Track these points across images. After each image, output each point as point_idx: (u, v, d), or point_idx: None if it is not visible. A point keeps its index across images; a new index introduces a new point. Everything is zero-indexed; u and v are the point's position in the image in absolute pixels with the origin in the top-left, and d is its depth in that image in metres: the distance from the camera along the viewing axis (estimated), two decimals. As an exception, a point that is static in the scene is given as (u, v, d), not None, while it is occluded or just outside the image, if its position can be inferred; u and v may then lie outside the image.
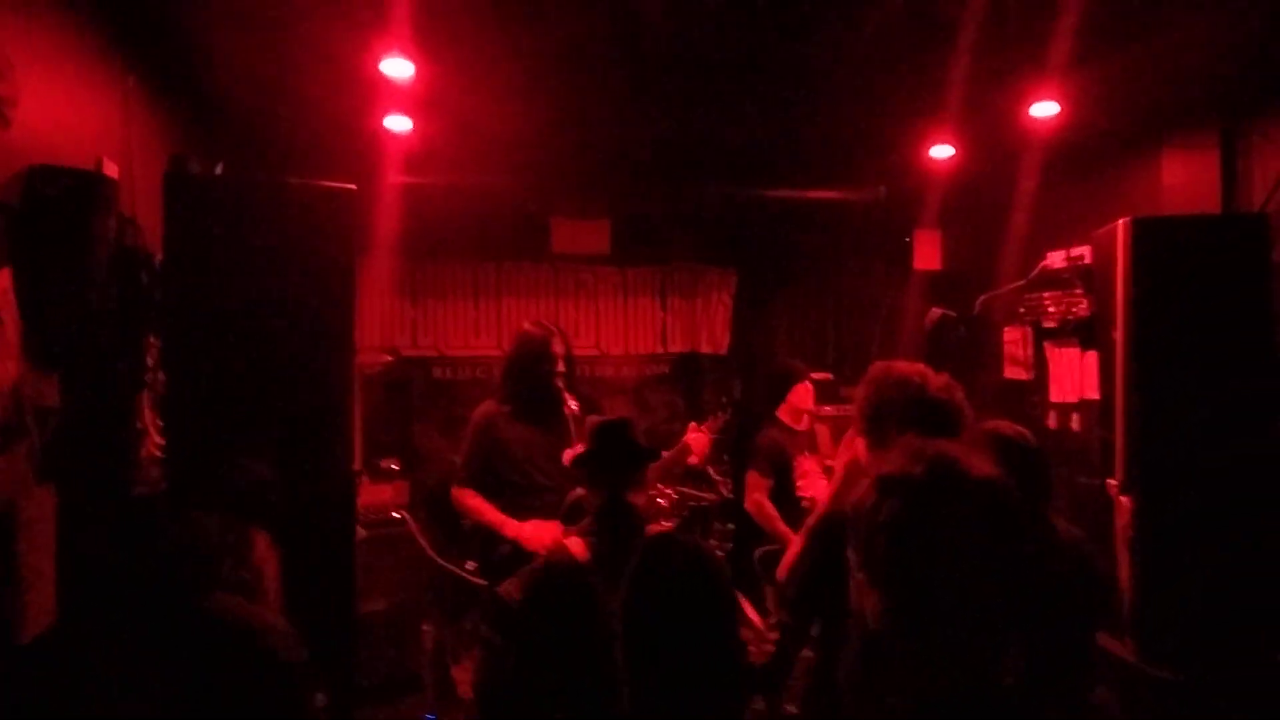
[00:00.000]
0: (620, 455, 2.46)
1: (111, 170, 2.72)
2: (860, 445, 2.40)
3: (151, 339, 3.04)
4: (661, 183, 5.46)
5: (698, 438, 4.14)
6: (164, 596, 2.00)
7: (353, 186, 2.95)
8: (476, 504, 3.67)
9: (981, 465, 1.34)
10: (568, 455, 2.63)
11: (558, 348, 3.80)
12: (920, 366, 2.30)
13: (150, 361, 3.07)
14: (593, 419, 2.56)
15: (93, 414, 2.56)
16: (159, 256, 2.96)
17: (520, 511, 3.66)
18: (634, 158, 5.13)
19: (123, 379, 2.84)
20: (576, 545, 2.38)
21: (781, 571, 3.44)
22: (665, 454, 3.94)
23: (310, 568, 2.43)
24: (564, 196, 5.60)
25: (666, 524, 2.58)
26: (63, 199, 2.35)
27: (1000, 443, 2.45)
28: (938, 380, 2.24)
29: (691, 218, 5.99)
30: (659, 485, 4.47)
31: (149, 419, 3.07)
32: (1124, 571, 3.54)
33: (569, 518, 3.63)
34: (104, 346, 2.64)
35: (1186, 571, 3.32)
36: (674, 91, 4.10)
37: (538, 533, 3.54)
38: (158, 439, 3.08)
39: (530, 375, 3.76)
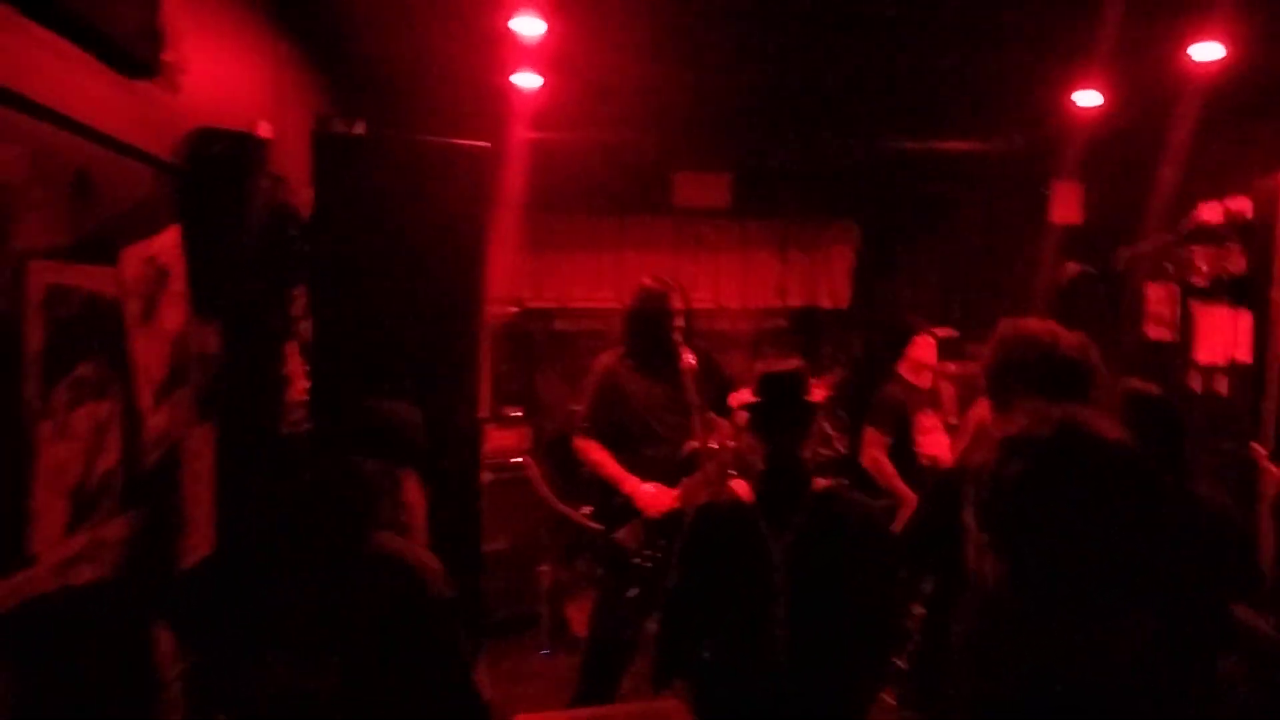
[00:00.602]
0: (790, 407, 2.42)
1: (265, 131, 2.88)
2: (985, 406, 2.35)
3: (298, 290, 3.24)
4: (783, 134, 5.37)
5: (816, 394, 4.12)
6: (333, 535, 2.17)
7: (487, 145, 3.04)
8: (599, 456, 3.77)
9: (1111, 429, 1.30)
10: (734, 400, 2.65)
11: (677, 303, 3.83)
12: (1051, 324, 2.22)
13: (297, 312, 3.27)
14: (761, 366, 2.55)
15: (247, 360, 2.75)
16: (306, 212, 3.13)
17: (639, 460, 3.74)
18: (756, 109, 5.05)
19: (273, 327, 3.04)
20: (743, 488, 2.44)
21: (897, 525, 3.42)
22: None
23: (442, 508, 2.58)
24: (686, 150, 5.58)
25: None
26: (222, 160, 2.50)
27: (1135, 402, 2.35)
28: (1069, 339, 2.16)
29: (814, 170, 5.88)
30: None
31: (295, 365, 3.28)
32: (1268, 541, 3.37)
33: (685, 469, 3.71)
34: (257, 297, 2.82)
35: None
36: (797, 40, 4.01)
37: (654, 496, 3.62)
38: (304, 383, 3.29)
39: (650, 329, 3.81)
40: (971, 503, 1.37)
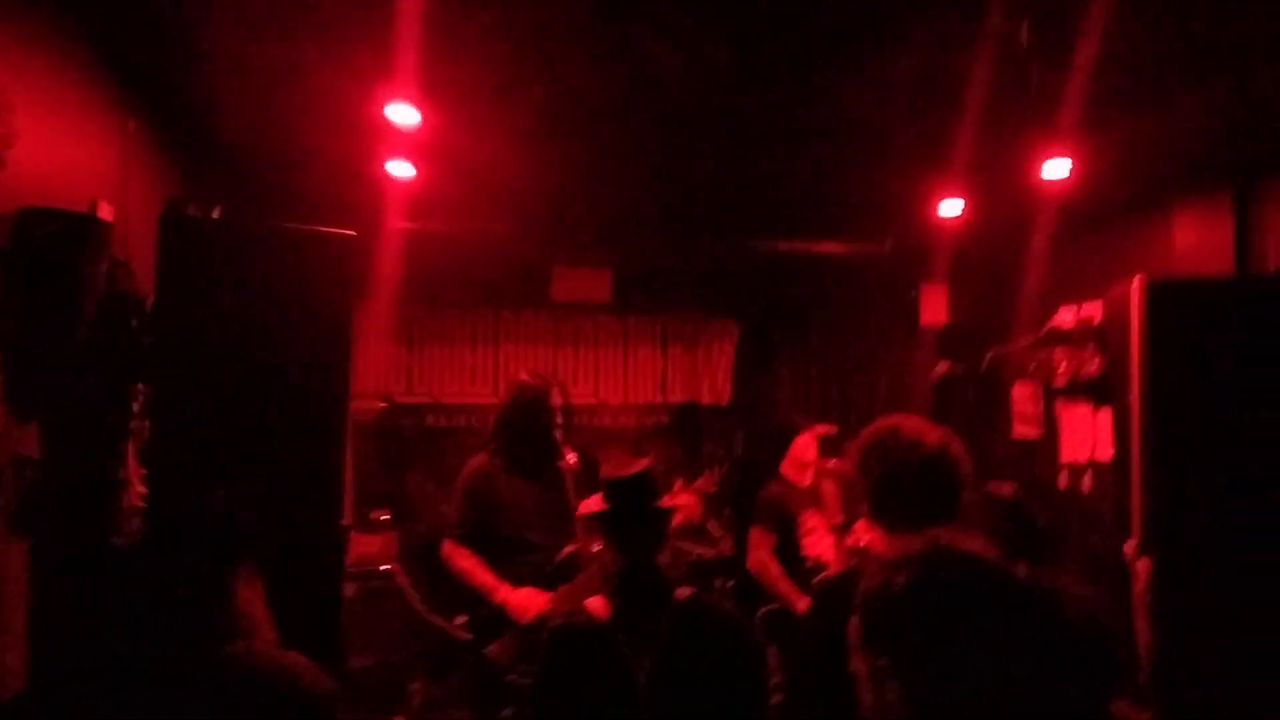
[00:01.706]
0: (637, 513, 2.29)
1: (106, 213, 2.65)
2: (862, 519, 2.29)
3: (139, 386, 2.95)
4: (665, 233, 5.43)
5: (686, 499, 4.05)
6: (172, 661, 1.90)
7: (353, 233, 2.88)
8: (467, 564, 3.55)
9: (977, 544, 1.34)
10: (582, 509, 2.48)
11: (555, 399, 3.70)
12: (923, 426, 2.18)
13: (136, 409, 2.97)
14: (608, 471, 2.41)
15: (73, 464, 2.46)
16: (150, 301, 2.88)
17: (511, 567, 3.55)
18: (637, 208, 5.10)
19: (107, 428, 2.74)
20: (598, 605, 2.25)
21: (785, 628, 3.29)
22: None
23: (297, 625, 2.33)
24: (566, 245, 5.56)
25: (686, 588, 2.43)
26: (54, 241, 2.28)
27: (991, 504, 2.36)
28: (943, 444, 2.13)
29: (694, 268, 5.96)
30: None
31: (132, 469, 2.97)
32: (1143, 636, 3.42)
33: (559, 576, 3.53)
34: (90, 394, 2.55)
35: (1208, 635, 3.21)
36: (679, 143, 4.08)
37: (526, 601, 3.43)
38: (140, 489, 2.97)
39: (526, 426, 3.66)
40: (861, 636, 1.33)
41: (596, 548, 3.53)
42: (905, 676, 1.24)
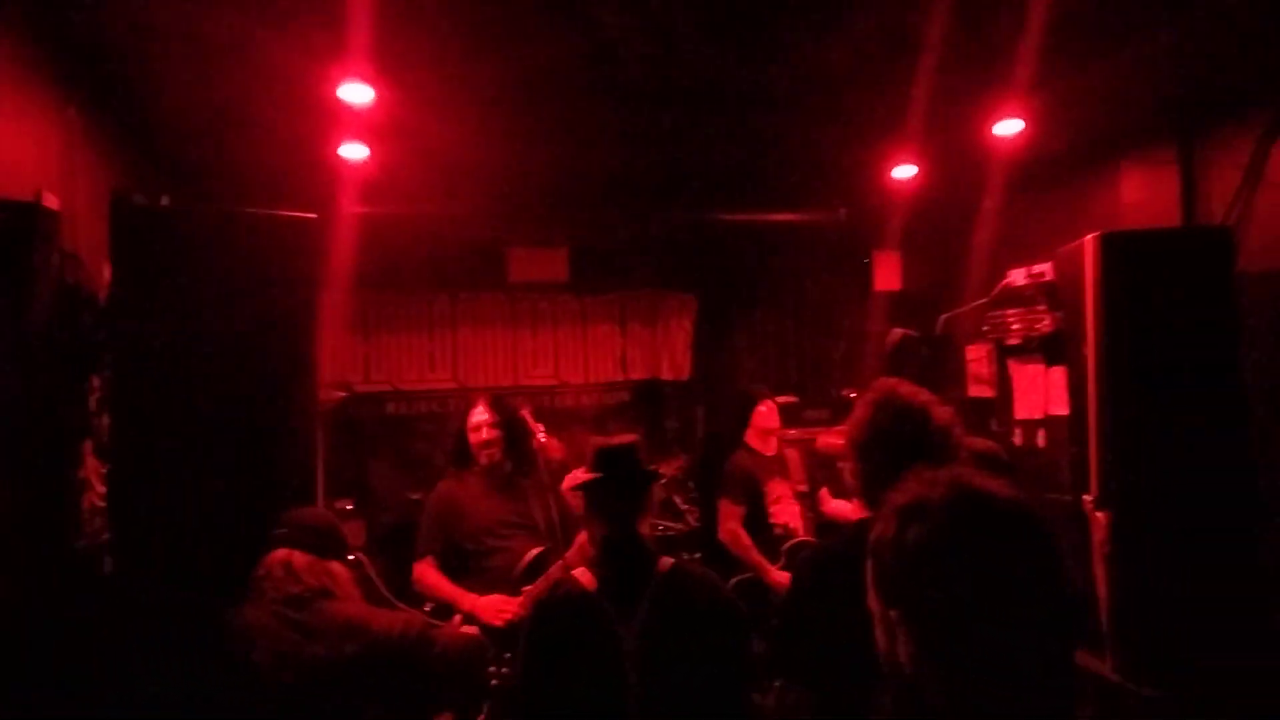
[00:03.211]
0: (628, 481, 2.31)
1: (52, 202, 2.54)
2: (847, 469, 2.31)
3: (94, 381, 2.85)
4: (619, 209, 5.40)
5: None
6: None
7: (313, 215, 2.81)
8: (433, 580, 3.63)
9: (1001, 487, 1.28)
10: (568, 480, 2.47)
11: (476, 416, 3.73)
12: (921, 391, 2.22)
13: (93, 406, 2.87)
14: (596, 441, 2.41)
15: (31, 463, 2.37)
16: (102, 295, 2.77)
17: (479, 575, 3.59)
18: (591, 184, 5.06)
19: (64, 426, 2.65)
20: (584, 576, 2.25)
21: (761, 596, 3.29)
22: None
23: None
24: (520, 225, 5.50)
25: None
26: (1, 232, 2.18)
27: (983, 460, 2.40)
28: (940, 407, 2.17)
29: (650, 243, 5.94)
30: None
31: (91, 467, 2.87)
32: (1101, 587, 3.52)
33: (526, 577, 3.53)
34: (44, 390, 2.45)
35: (1164, 585, 3.31)
36: (631, 117, 4.05)
37: (494, 606, 3.47)
38: (100, 488, 2.88)
39: (466, 446, 3.73)
40: (874, 582, 1.30)
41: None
42: (916, 629, 1.23)
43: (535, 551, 3.56)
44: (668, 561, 2.31)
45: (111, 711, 2.50)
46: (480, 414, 3.73)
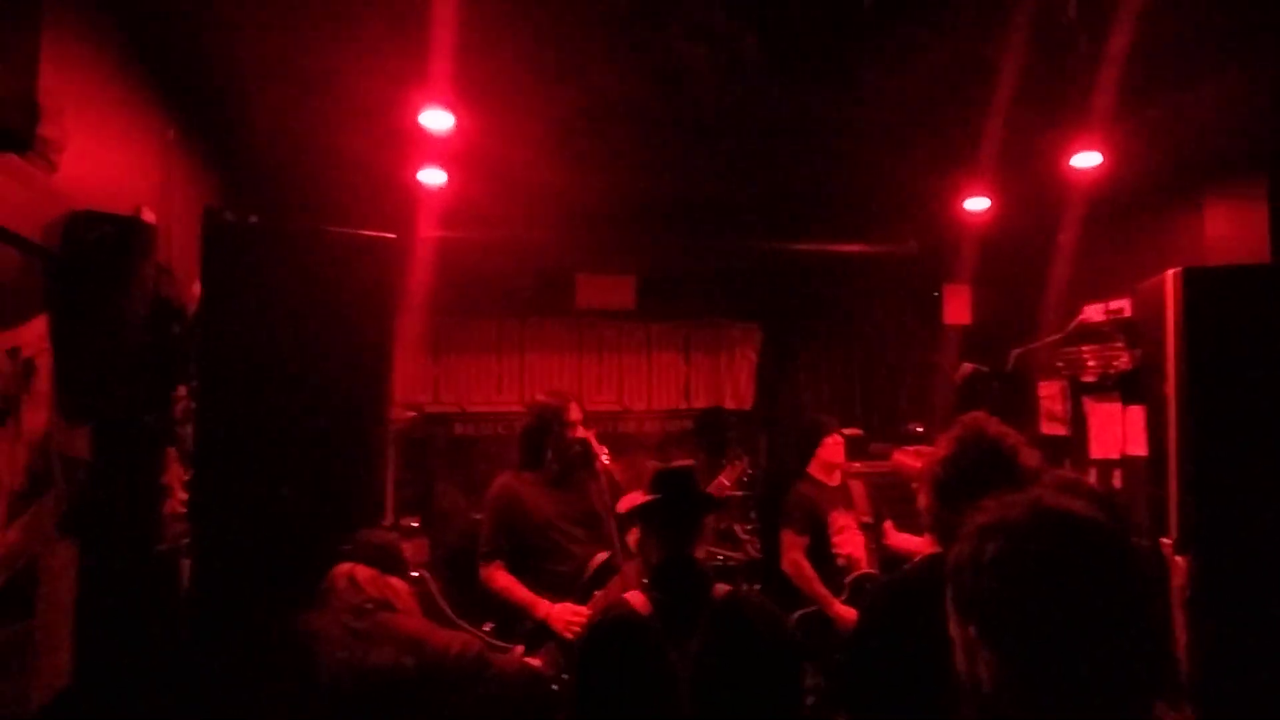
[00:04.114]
0: (683, 506, 2.30)
1: (149, 217, 2.67)
2: (921, 497, 2.27)
3: (181, 391, 2.97)
4: (687, 238, 5.43)
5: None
6: None
7: (392, 235, 2.90)
8: (505, 582, 3.62)
9: (1083, 506, 1.26)
10: (624, 503, 2.48)
11: (574, 414, 3.75)
12: (1005, 427, 2.18)
13: (178, 415, 2.99)
14: (652, 465, 2.43)
15: (121, 468, 2.47)
16: (192, 307, 2.90)
17: (545, 577, 3.58)
18: (660, 212, 5.10)
19: (151, 432, 2.76)
20: (638, 600, 2.24)
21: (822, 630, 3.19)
22: None
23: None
24: (589, 252, 5.57)
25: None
26: (102, 245, 2.29)
27: (1071, 489, 2.33)
28: (1024, 444, 2.13)
29: (716, 273, 5.96)
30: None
31: (174, 474, 2.98)
32: (1180, 635, 3.38)
33: (596, 582, 3.53)
34: (135, 398, 2.56)
35: (1249, 634, 3.17)
36: (703, 146, 4.09)
37: (565, 616, 3.47)
38: (181, 494, 2.98)
39: (548, 444, 3.72)
40: (953, 602, 1.28)
41: (633, 539, 3.55)
42: (994, 648, 1.21)
43: (603, 556, 3.56)
44: (724, 588, 2.29)
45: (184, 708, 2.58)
46: (576, 411, 3.76)
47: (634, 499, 2.39)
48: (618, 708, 2.14)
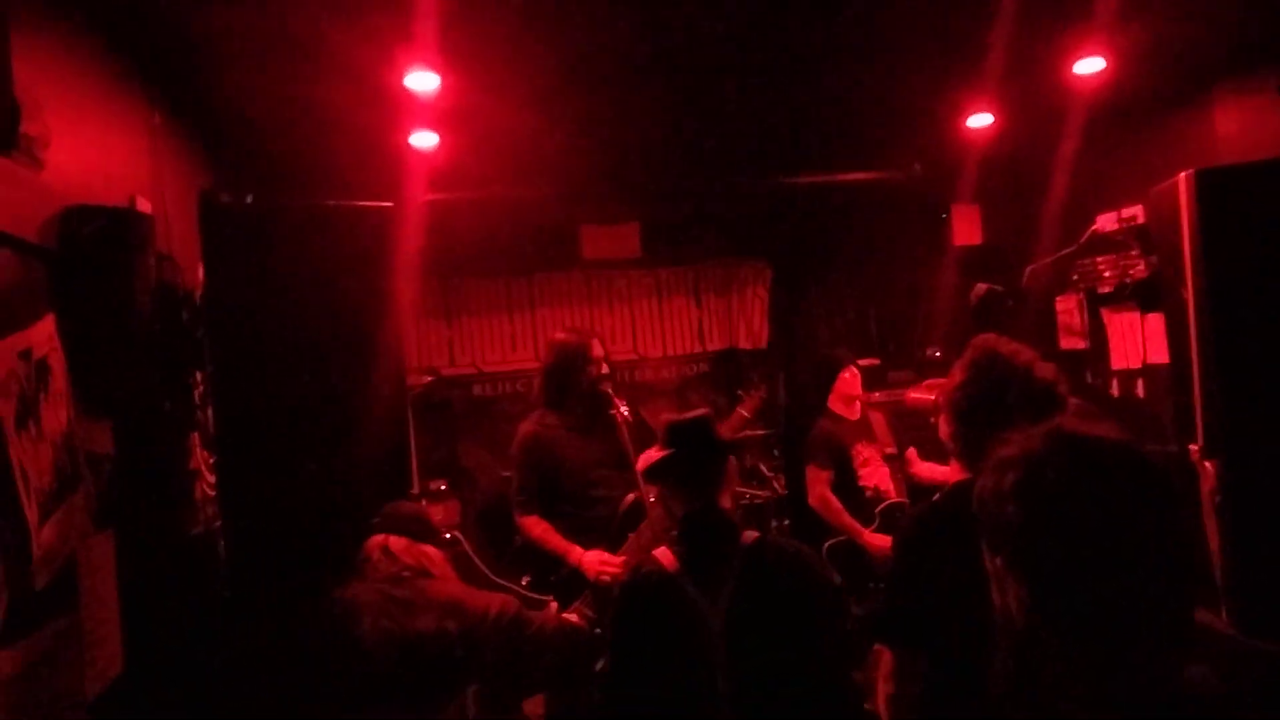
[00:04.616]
0: (703, 456, 2.28)
1: (145, 207, 2.65)
2: (944, 430, 2.26)
3: (196, 377, 2.98)
4: (689, 180, 5.36)
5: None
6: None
7: (389, 204, 2.87)
8: (540, 531, 3.63)
9: (1108, 430, 1.25)
10: (642, 460, 2.48)
11: (596, 351, 3.73)
12: (1023, 347, 2.15)
13: (197, 400, 3.01)
14: (666, 418, 2.41)
15: (146, 457, 2.49)
16: (198, 291, 2.89)
17: (578, 521, 3.58)
18: (659, 157, 5.03)
19: (173, 420, 2.78)
20: (665, 556, 2.24)
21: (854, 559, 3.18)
22: None
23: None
24: (591, 202, 5.52)
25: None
26: (100, 238, 2.27)
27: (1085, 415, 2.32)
28: (1042, 363, 2.11)
29: (721, 213, 5.89)
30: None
31: (200, 458, 3.01)
32: (1212, 540, 3.39)
33: (626, 525, 3.55)
34: (152, 387, 2.57)
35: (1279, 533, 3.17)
36: (697, 86, 3.99)
37: (600, 564, 3.50)
38: (210, 478, 3.02)
39: (571, 383, 3.69)
40: (983, 535, 1.28)
41: (653, 498, 3.57)
42: (1021, 578, 1.21)
43: (632, 496, 3.57)
44: (752, 535, 2.26)
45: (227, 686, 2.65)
46: (598, 348, 3.76)
47: (650, 456, 2.37)
48: (653, 668, 2.14)
